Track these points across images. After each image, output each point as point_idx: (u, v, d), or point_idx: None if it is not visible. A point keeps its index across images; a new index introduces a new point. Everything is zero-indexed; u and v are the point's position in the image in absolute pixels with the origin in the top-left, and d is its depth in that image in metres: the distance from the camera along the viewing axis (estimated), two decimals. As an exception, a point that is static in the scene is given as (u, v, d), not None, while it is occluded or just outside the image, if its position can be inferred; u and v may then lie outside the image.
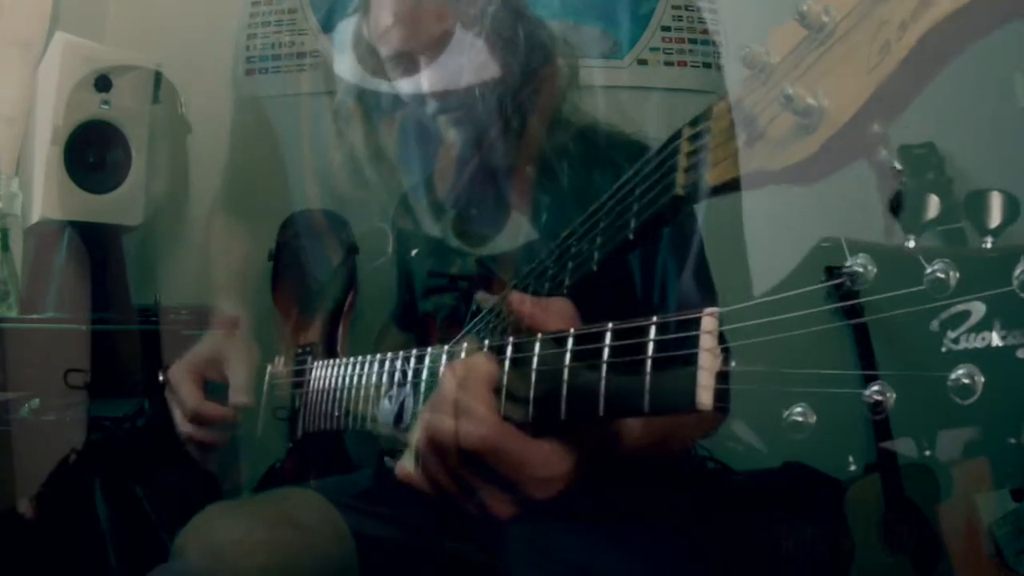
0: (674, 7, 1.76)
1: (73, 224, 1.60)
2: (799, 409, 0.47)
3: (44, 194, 1.54)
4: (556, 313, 0.66)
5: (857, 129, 0.51)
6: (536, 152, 1.09)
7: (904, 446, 1.24)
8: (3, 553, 1.42)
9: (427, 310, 1.09)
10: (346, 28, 1.17)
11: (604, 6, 1.77)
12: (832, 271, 0.48)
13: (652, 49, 1.76)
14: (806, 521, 1.38)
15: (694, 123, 0.62)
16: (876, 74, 0.49)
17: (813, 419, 0.47)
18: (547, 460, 0.61)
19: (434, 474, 0.65)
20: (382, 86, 1.12)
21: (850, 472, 1.37)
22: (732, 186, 0.58)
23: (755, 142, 0.57)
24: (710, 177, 0.60)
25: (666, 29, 1.76)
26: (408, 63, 1.07)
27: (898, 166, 0.55)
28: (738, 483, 1.46)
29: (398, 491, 0.71)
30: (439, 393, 0.65)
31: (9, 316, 1.54)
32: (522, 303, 0.69)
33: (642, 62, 1.76)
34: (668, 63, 1.76)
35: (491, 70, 1.06)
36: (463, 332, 0.91)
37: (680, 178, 0.62)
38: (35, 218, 1.56)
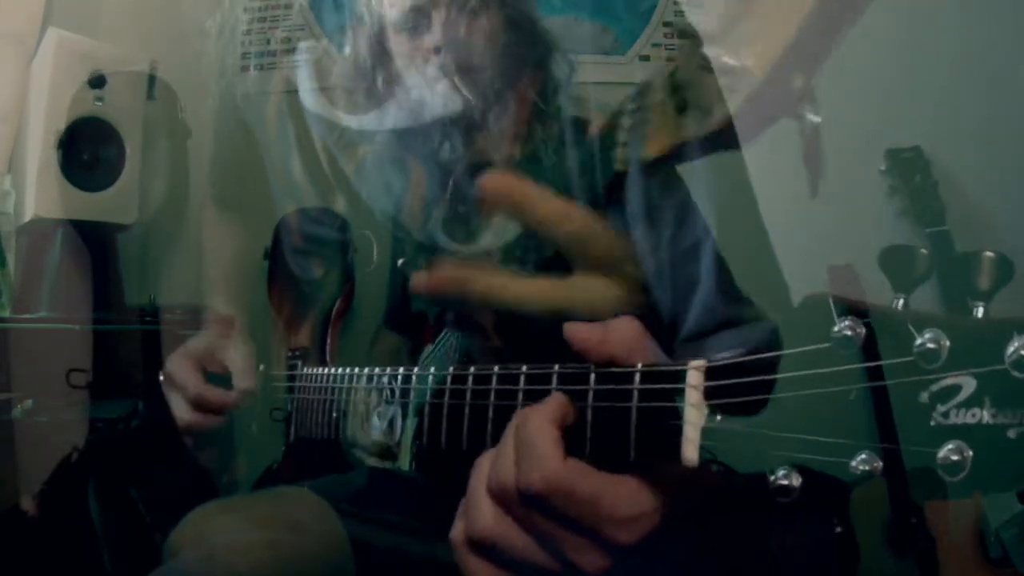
0: (676, 1, 1.74)
1: (73, 223, 1.58)
2: (783, 472, 0.47)
3: (37, 192, 1.53)
4: (622, 336, 0.58)
5: (778, 83, 0.51)
6: (525, 148, 1.09)
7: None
8: (-4, 555, 1.41)
9: (419, 308, 1.09)
10: (314, 56, 1.17)
11: (605, 2, 1.76)
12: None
13: (654, 45, 1.74)
14: (810, 524, 1.37)
15: (633, 98, 0.64)
16: (792, 22, 0.49)
17: (798, 482, 0.47)
18: (629, 497, 0.54)
19: (507, 534, 0.57)
20: (346, 119, 1.14)
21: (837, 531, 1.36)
22: (669, 158, 0.60)
23: (686, 110, 0.58)
24: (647, 151, 0.61)
25: (668, 25, 1.74)
26: (420, 19, 1.07)
27: (815, 119, 0.55)
28: (741, 485, 1.45)
29: (393, 491, 0.70)
30: (503, 443, 0.59)
31: (1, 316, 1.52)
32: (578, 332, 0.59)
33: (644, 58, 1.74)
34: (670, 59, 1.74)
35: (491, 64, 1.06)
36: (440, 337, 0.92)
37: (619, 154, 0.64)
38: (28, 216, 1.54)
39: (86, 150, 1.59)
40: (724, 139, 0.54)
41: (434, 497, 0.78)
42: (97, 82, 1.57)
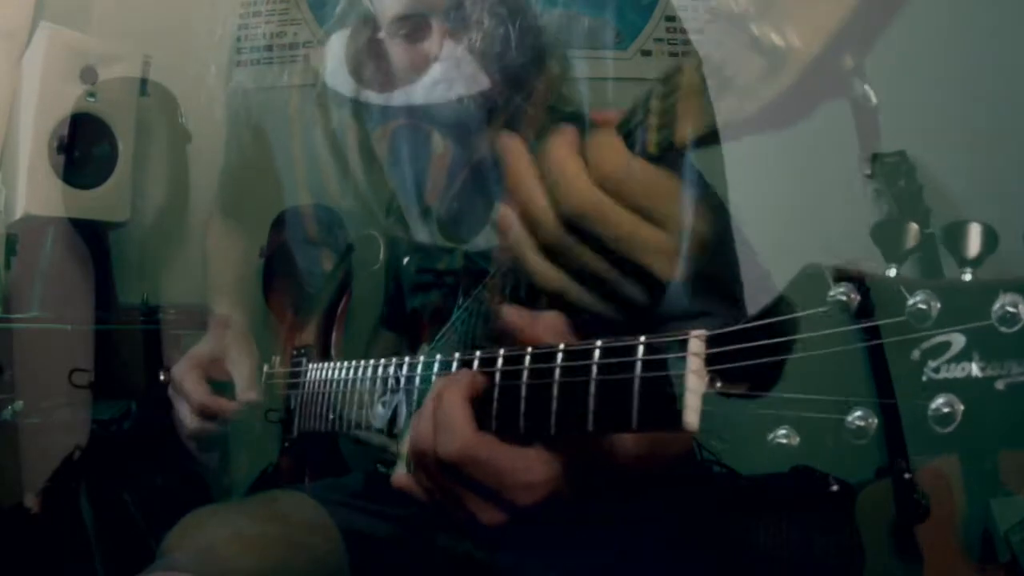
0: (677, -6, 1.74)
1: (72, 221, 1.56)
2: (783, 431, 0.49)
3: (28, 189, 1.51)
4: (547, 326, 0.66)
5: (826, 64, 0.51)
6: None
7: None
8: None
9: (415, 306, 1.08)
10: (338, 40, 1.15)
11: (607, -4, 1.75)
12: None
13: (656, 40, 1.74)
14: (815, 526, 1.36)
15: (665, 80, 0.62)
16: (842, 2, 0.48)
17: (796, 441, 0.49)
18: (528, 466, 0.62)
19: (422, 484, 0.68)
20: (373, 97, 1.11)
21: (835, 489, 1.37)
22: (705, 140, 0.59)
23: (724, 92, 0.57)
24: (680, 133, 0.60)
25: (670, 19, 1.74)
26: (417, 26, 1.05)
27: (873, 98, 0.54)
28: (745, 487, 1.44)
29: (389, 494, 0.73)
30: (423, 406, 0.68)
31: (-7, 315, 1.50)
32: (512, 316, 0.69)
33: (646, 53, 1.74)
34: (673, 54, 1.74)
35: (487, 64, 1.05)
36: (447, 326, 0.91)
37: (652, 136, 0.62)
38: (19, 214, 1.52)
39: (78, 147, 1.57)
40: (769, 120, 0.54)
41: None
42: (89, 77, 1.55)
